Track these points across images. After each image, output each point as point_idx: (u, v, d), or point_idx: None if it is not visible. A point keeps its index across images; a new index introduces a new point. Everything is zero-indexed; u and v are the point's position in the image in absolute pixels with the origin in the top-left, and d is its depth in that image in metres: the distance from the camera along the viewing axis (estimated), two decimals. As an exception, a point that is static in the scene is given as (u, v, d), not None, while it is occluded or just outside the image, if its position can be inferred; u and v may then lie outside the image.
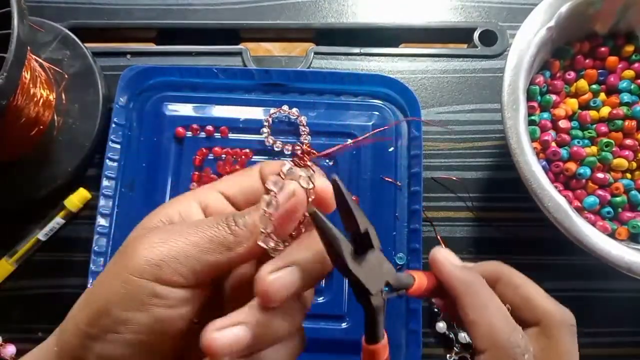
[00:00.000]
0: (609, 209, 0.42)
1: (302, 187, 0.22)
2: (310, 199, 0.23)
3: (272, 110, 0.47)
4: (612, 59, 0.45)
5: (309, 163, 0.23)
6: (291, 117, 0.47)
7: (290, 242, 0.23)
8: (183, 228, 0.22)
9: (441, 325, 0.44)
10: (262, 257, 0.23)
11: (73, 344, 0.21)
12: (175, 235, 0.22)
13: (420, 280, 0.25)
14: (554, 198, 0.38)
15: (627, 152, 0.43)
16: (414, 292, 0.25)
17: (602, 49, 0.45)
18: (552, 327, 0.25)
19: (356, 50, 0.52)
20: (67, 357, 0.22)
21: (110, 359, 0.21)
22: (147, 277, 0.21)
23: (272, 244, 0.22)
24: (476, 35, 0.53)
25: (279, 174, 0.23)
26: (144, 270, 0.21)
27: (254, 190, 0.25)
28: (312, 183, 0.23)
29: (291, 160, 0.23)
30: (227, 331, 0.20)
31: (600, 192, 0.42)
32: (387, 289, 0.22)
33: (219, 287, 0.25)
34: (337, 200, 0.22)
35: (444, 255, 0.27)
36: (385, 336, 0.23)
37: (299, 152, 0.46)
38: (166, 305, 0.21)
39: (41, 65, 0.46)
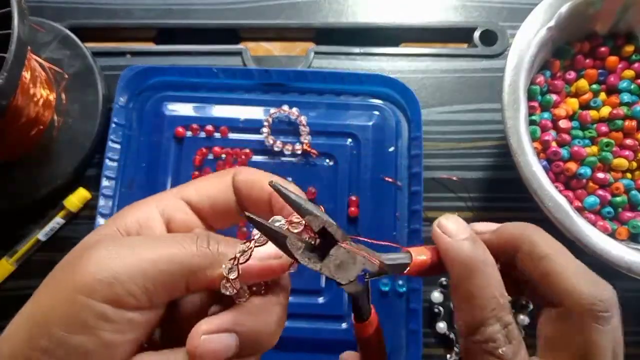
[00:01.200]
0: (609, 209, 0.42)
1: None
2: (290, 270, 0.22)
3: (272, 110, 0.47)
4: (612, 59, 0.45)
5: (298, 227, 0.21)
6: (291, 117, 0.47)
7: (248, 297, 0.21)
8: (141, 241, 0.20)
9: (441, 326, 0.44)
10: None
11: None
12: (131, 250, 0.19)
13: (420, 260, 0.23)
14: (554, 198, 0.38)
15: (627, 152, 0.43)
16: (414, 273, 0.23)
17: (602, 49, 0.45)
18: (573, 312, 0.20)
19: (356, 50, 0.52)
20: None
21: None
22: (96, 298, 0.18)
23: (229, 292, 0.20)
24: (476, 35, 0.53)
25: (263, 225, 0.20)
26: (92, 290, 0.18)
27: (223, 200, 0.23)
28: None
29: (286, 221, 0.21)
30: None
31: (600, 192, 0.42)
32: (364, 275, 0.22)
33: (174, 308, 0.23)
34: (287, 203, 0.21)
35: (443, 227, 0.23)
36: (372, 312, 0.23)
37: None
38: (115, 329, 0.19)
39: (41, 65, 0.46)
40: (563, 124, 0.43)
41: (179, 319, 0.22)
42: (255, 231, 0.21)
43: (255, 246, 0.20)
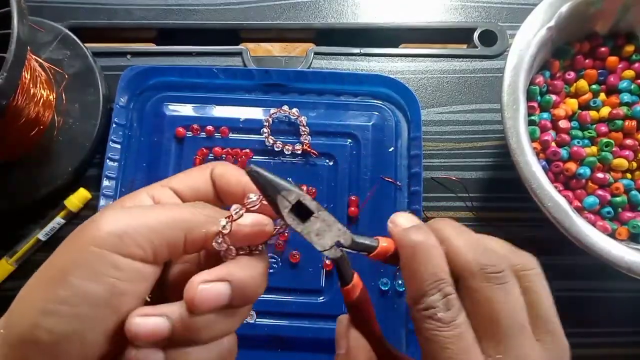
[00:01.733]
0: (609, 209, 0.42)
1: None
2: (277, 234, 0.24)
3: (272, 110, 0.47)
4: (612, 59, 0.45)
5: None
6: (291, 117, 0.47)
7: (235, 256, 0.23)
8: (146, 206, 0.23)
9: (441, 325, 0.44)
10: (208, 260, 0.25)
11: (22, 323, 0.20)
12: (137, 210, 0.22)
13: (385, 246, 0.26)
14: (554, 198, 0.38)
15: (627, 152, 0.43)
16: (376, 257, 0.26)
17: (602, 49, 0.45)
18: (467, 279, 0.23)
19: (356, 50, 0.52)
20: (15, 338, 0.20)
21: (62, 334, 0.20)
22: (108, 248, 0.21)
23: (224, 247, 0.23)
24: (476, 35, 0.53)
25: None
26: (104, 241, 0.21)
27: (204, 191, 0.25)
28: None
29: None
30: (149, 319, 0.21)
31: (600, 192, 0.42)
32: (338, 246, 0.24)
33: (163, 278, 0.25)
34: (259, 188, 0.24)
35: (394, 221, 0.26)
36: (355, 276, 0.26)
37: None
38: (125, 278, 0.21)
39: (41, 65, 0.46)
40: (562, 124, 0.43)
41: (167, 286, 0.25)
42: (234, 206, 0.23)
43: (247, 207, 0.24)
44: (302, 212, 0.24)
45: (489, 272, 0.23)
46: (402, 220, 0.26)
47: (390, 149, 0.47)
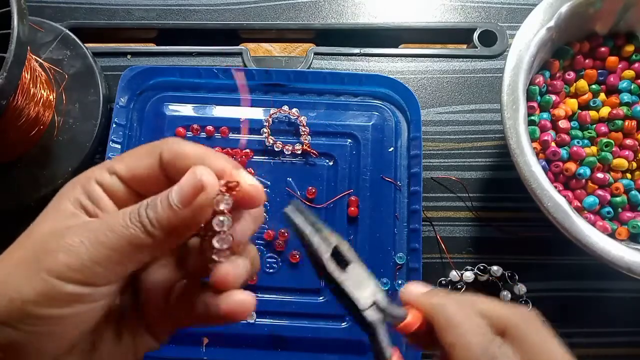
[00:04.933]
0: (609, 209, 0.42)
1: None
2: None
3: (272, 110, 0.47)
4: (612, 59, 0.45)
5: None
6: (291, 117, 0.47)
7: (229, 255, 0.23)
8: (100, 229, 0.21)
9: (441, 325, 0.44)
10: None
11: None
12: (94, 238, 0.21)
13: (414, 316, 0.24)
14: (554, 198, 0.38)
15: (627, 152, 0.43)
16: (405, 329, 0.24)
17: (602, 49, 0.45)
18: (518, 327, 0.24)
19: (356, 50, 0.52)
20: None
21: (17, 344, 0.20)
22: (67, 280, 0.20)
23: (225, 247, 0.22)
24: (476, 35, 0.53)
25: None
26: (63, 275, 0.20)
27: (153, 176, 0.24)
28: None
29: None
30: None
31: (600, 192, 0.42)
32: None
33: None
34: (294, 227, 0.22)
35: (409, 288, 0.26)
36: (397, 354, 0.23)
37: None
38: (86, 302, 0.21)
39: (41, 65, 0.46)
40: (562, 124, 0.43)
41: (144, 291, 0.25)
42: (217, 220, 0.22)
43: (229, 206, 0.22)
44: (339, 259, 0.22)
45: (533, 317, 0.25)
46: (417, 287, 0.26)
47: (390, 149, 0.47)
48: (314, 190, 0.45)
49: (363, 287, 0.22)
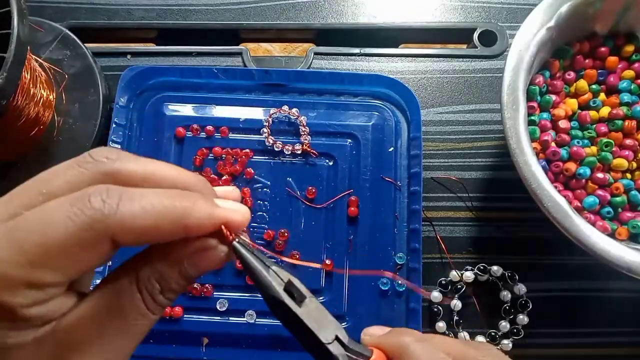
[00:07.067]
0: (609, 209, 0.42)
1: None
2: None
3: (272, 110, 0.47)
4: (612, 59, 0.45)
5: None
6: (291, 117, 0.47)
7: None
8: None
9: (441, 325, 0.44)
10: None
11: None
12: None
13: (378, 356, 0.24)
14: (554, 198, 0.38)
15: (627, 152, 0.43)
16: None
17: (602, 49, 0.45)
18: None
19: (356, 50, 0.52)
20: None
21: None
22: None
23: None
24: (476, 35, 0.53)
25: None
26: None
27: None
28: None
29: None
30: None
31: (600, 192, 0.42)
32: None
33: None
34: (242, 262, 0.21)
35: (370, 331, 0.27)
36: None
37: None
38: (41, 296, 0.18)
39: (41, 65, 0.46)
40: (562, 124, 0.43)
41: None
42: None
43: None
44: (292, 294, 0.22)
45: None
46: (377, 330, 0.27)
47: (390, 149, 0.47)
48: (314, 190, 0.45)
49: (324, 322, 0.21)
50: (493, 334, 0.45)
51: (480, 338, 0.44)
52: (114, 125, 0.46)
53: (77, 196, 0.18)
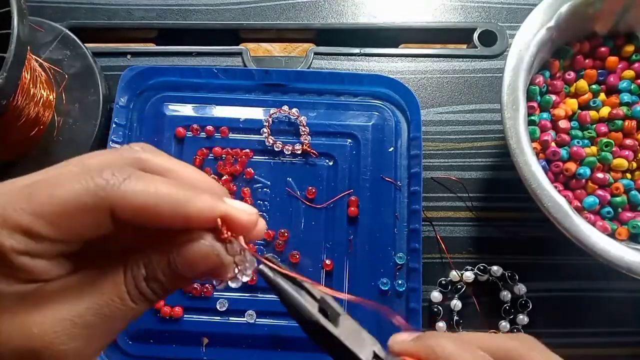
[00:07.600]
0: (609, 209, 0.42)
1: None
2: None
3: (272, 110, 0.47)
4: (612, 59, 0.45)
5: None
6: (291, 117, 0.47)
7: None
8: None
9: (441, 325, 0.44)
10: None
11: None
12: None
13: None
14: (554, 198, 0.38)
15: (627, 152, 0.43)
16: None
17: (602, 49, 0.45)
18: (518, 350, 0.23)
19: (356, 50, 0.52)
20: None
21: None
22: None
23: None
24: (476, 35, 0.53)
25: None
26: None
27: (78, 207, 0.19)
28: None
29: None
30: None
31: (600, 192, 0.42)
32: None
33: None
34: (273, 286, 0.21)
35: (397, 339, 0.25)
36: None
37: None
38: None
39: (41, 65, 0.46)
40: (562, 124, 0.43)
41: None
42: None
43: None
44: (325, 312, 0.21)
45: (533, 341, 0.24)
46: (405, 336, 0.25)
47: (390, 149, 0.47)
48: (314, 190, 0.45)
49: (360, 339, 0.21)
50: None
51: (480, 338, 0.44)
52: (114, 125, 0.46)
53: (94, 168, 0.19)
